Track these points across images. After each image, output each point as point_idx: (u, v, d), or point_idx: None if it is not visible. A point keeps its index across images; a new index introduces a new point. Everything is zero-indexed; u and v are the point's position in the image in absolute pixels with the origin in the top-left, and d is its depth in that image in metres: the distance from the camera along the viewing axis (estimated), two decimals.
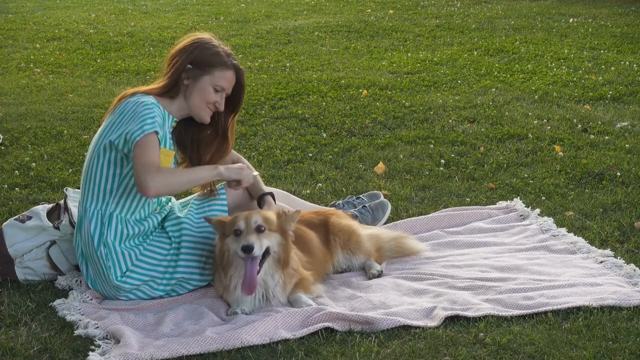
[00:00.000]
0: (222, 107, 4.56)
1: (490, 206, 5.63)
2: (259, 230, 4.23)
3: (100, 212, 4.40)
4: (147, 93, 4.47)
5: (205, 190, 4.73)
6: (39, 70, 10.20)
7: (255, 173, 4.71)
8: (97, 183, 4.41)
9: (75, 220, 4.66)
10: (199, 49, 4.52)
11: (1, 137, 7.22)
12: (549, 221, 5.28)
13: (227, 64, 4.52)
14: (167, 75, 4.54)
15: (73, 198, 4.87)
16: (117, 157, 4.37)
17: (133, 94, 4.46)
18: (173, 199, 4.85)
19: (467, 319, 4.07)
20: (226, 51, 4.57)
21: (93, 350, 3.92)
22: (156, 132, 4.27)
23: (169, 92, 4.51)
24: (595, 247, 4.91)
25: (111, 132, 4.36)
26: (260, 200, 4.69)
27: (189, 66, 4.50)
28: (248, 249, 4.15)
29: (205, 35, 4.60)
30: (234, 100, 4.63)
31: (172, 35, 12.29)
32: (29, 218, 4.79)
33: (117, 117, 4.38)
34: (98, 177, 4.41)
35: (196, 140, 4.66)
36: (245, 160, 4.91)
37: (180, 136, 4.67)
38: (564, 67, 9.70)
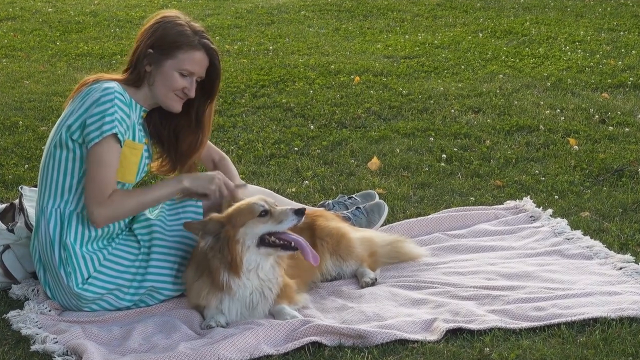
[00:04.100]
0: (192, 94, 4.52)
1: (497, 206, 5.64)
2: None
3: (58, 211, 4.39)
4: (110, 80, 4.46)
5: None
6: None
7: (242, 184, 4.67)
8: (55, 179, 4.40)
9: (32, 222, 4.65)
10: (160, 30, 4.48)
11: None
12: (562, 223, 5.29)
13: (192, 43, 4.46)
14: (129, 62, 4.53)
15: (29, 197, 4.86)
16: (76, 150, 4.36)
17: (95, 81, 4.45)
18: None
19: (471, 332, 4.08)
20: (194, 29, 4.50)
21: None
22: (115, 134, 4.28)
23: (132, 81, 4.49)
24: (614, 251, 4.94)
25: (69, 123, 4.35)
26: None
27: (150, 50, 4.47)
28: (302, 212, 4.24)
29: (171, 13, 4.56)
30: (207, 84, 4.59)
31: (141, 14, 12.27)
32: None
33: (77, 105, 4.38)
34: (56, 173, 4.40)
35: (173, 130, 4.65)
36: (232, 165, 4.89)
37: (157, 128, 4.66)
38: (579, 50, 9.73)
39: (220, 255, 4.26)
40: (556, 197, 5.73)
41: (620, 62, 9.10)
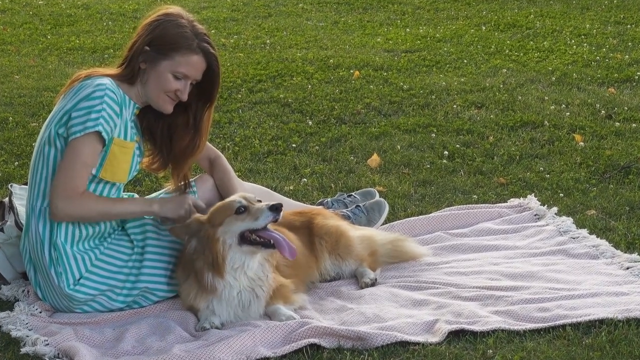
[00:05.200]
0: (184, 97, 4.48)
1: (500, 204, 5.64)
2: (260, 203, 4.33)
3: (48, 210, 4.38)
4: (104, 76, 4.44)
5: (174, 187, 4.71)
6: None
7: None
8: (45, 177, 4.39)
9: (22, 221, 4.65)
10: (160, 28, 4.44)
11: None
12: (567, 221, 5.30)
13: (191, 47, 4.42)
14: (125, 57, 4.51)
15: (20, 195, 4.85)
16: (65, 146, 4.35)
17: (88, 76, 4.44)
18: (136, 196, 4.84)
19: (473, 333, 4.08)
20: (196, 31, 4.46)
21: None
22: (98, 132, 4.27)
23: (126, 77, 4.47)
24: (621, 250, 4.94)
25: (58, 118, 4.34)
26: None
27: (147, 48, 4.44)
28: (277, 207, 4.22)
29: (173, 10, 4.51)
30: (205, 89, 4.56)
31: (134, 7, 12.26)
32: None
33: (67, 101, 4.36)
34: (46, 171, 4.39)
35: (168, 128, 4.63)
36: (228, 164, 4.87)
37: (150, 124, 4.64)
38: (585, 44, 9.73)
39: (203, 256, 4.27)
40: (561, 194, 5.73)
41: (627, 56, 9.10)
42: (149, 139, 4.68)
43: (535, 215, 5.46)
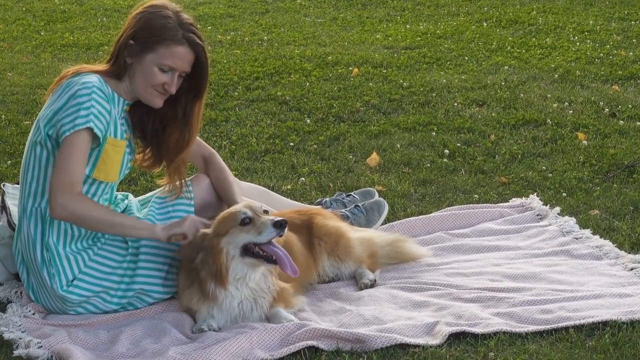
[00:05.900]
0: (173, 90, 4.45)
1: (502, 204, 5.64)
2: (267, 214, 4.31)
3: (39, 210, 4.38)
4: (91, 72, 4.42)
5: (169, 186, 4.70)
6: None
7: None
8: (36, 177, 4.39)
9: (15, 221, 4.64)
10: (143, 20, 4.42)
11: None
12: (570, 221, 5.29)
13: (175, 38, 4.38)
14: (112, 53, 4.49)
15: (12, 195, 4.85)
16: (55, 151, 4.33)
17: (75, 73, 4.42)
18: (130, 196, 4.84)
19: (474, 336, 4.08)
20: (181, 21, 4.42)
21: None
22: (89, 128, 4.24)
23: (114, 73, 4.46)
24: (625, 251, 4.94)
25: (47, 119, 4.33)
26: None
27: (131, 42, 4.41)
28: (281, 224, 4.20)
29: (158, 2, 4.48)
30: (194, 81, 4.52)
31: (129, 3, 12.25)
32: None
33: (55, 99, 4.35)
34: (37, 170, 4.39)
35: (160, 123, 4.60)
36: (222, 162, 4.85)
37: (141, 120, 4.62)
38: (588, 40, 9.73)
39: (207, 266, 4.27)
40: (564, 194, 5.73)
41: (631, 53, 9.10)
42: (140, 135, 4.66)
43: (537, 215, 5.46)
